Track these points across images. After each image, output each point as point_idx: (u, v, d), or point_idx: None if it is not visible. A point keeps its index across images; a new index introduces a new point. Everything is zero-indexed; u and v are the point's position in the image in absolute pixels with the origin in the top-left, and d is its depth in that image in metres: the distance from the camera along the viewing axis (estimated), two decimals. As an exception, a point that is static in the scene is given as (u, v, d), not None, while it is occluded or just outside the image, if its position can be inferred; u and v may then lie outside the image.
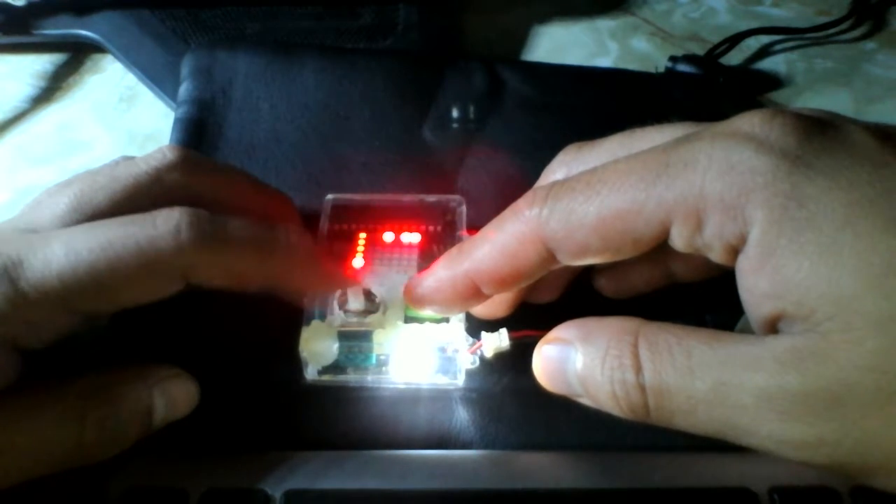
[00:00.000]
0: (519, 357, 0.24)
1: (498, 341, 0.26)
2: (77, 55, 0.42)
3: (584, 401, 0.22)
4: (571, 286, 0.28)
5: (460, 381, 0.27)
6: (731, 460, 0.25)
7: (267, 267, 0.23)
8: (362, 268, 0.29)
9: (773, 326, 0.20)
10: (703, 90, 0.39)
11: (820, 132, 0.19)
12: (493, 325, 0.26)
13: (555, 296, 0.28)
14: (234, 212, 0.26)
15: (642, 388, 0.20)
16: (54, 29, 0.40)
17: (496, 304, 0.27)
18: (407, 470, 0.24)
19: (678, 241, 0.20)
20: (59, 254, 0.20)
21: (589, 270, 0.29)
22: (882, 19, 0.46)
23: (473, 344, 0.26)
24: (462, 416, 0.27)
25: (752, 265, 0.19)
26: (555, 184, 0.22)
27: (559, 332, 0.23)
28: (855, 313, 0.17)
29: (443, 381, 0.27)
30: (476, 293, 0.24)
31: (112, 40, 0.40)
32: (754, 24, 0.44)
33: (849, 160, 0.19)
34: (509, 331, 0.26)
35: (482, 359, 0.26)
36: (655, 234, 0.21)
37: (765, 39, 0.45)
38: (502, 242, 0.23)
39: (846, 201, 0.18)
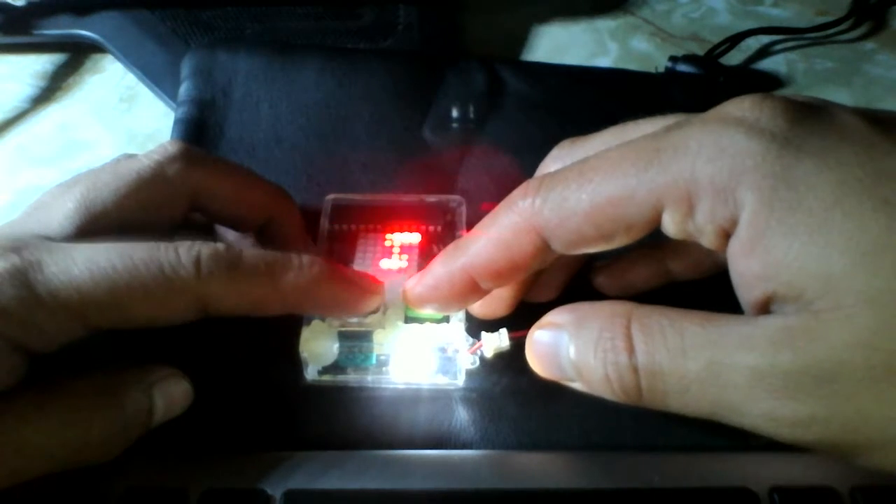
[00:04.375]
0: (519, 357, 0.24)
1: (498, 341, 0.26)
2: (77, 55, 0.42)
3: (577, 386, 0.22)
4: (570, 285, 0.28)
5: (460, 381, 0.27)
6: (731, 460, 0.25)
7: (282, 294, 0.23)
8: (362, 268, 0.28)
9: (764, 308, 0.20)
10: (703, 90, 0.39)
11: (809, 115, 0.20)
12: (493, 325, 0.26)
13: (554, 294, 0.28)
14: (233, 204, 0.27)
15: (635, 370, 0.20)
16: (54, 29, 0.40)
17: (496, 304, 0.27)
18: (407, 470, 0.24)
19: (670, 226, 0.21)
20: (81, 266, 0.20)
21: (588, 269, 0.29)
22: (882, 19, 0.46)
23: (473, 344, 0.26)
24: (462, 416, 0.27)
25: (744, 247, 0.19)
26: (548, 174, 0.22)
27: (551, 317, 0.23)
28: (845, 291, 0.17)
29: (443, 382, 0.27)
30: (474, 289, 0.24)
31: (112, 40, 0.40)
32: (754, 24, 0.44)
33: (837, 141, 0.19)
34: (509, 331, 0.26)
35: (482, 359, 0.26)
36: (648, 220, 0.21)
37: (765, 39, 0.45)
38: (497, 234, 0.23)
39: (835, 182, 0.18)
